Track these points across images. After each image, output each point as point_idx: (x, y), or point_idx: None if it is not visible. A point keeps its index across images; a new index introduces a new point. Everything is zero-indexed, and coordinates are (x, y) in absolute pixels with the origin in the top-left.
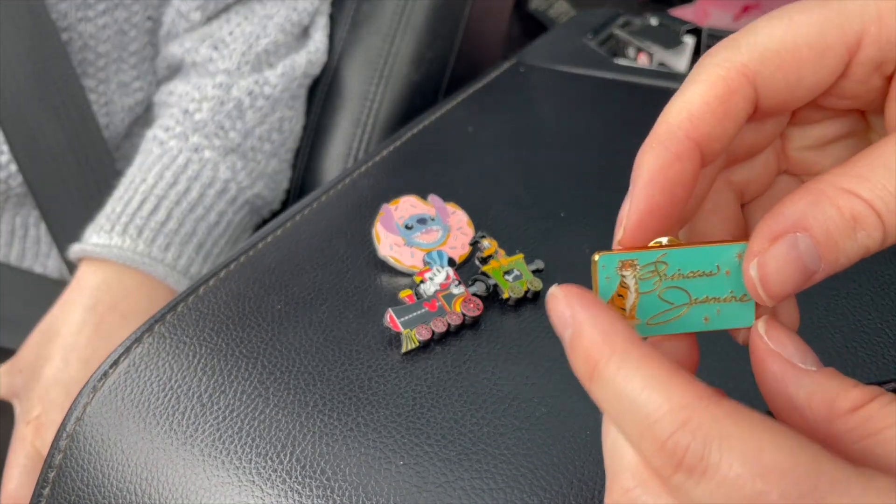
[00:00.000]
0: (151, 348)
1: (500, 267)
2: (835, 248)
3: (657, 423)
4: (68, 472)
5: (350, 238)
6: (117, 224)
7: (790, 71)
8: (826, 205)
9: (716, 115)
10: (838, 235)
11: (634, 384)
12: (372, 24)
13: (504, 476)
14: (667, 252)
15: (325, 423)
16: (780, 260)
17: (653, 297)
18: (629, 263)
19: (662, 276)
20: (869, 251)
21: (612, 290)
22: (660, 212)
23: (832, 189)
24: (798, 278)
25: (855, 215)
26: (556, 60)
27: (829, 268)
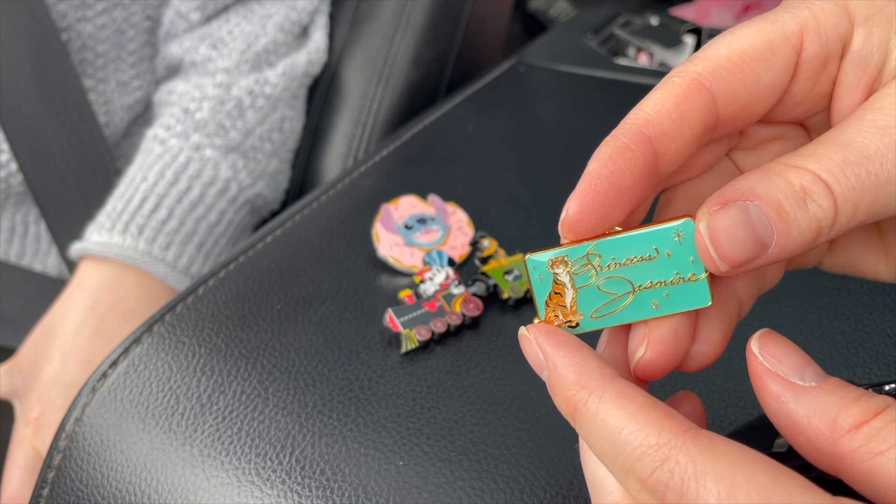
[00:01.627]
0: (150, 349)
1: (500, 267)
2: (786, 218)
3: (639, 461)
4: (67, 473)
5: (350, 238)
6: (118, 222)
7: (746, 73)
8: (775, 177)
9: (671, 116)
10: (788, 206)
11: (614, 423)
12: (372, 23)
13: (504, 476)
14: (597, 243)
15: (324, 424)
16: (730, 220)
17: (592, 289)
18: (560, 260)
19: (597, 267)
20: (821, 227)
21: (548, 290)
22: (603, 197)
23: (780, 166)
24: (750, 246)
25: (804, 186)
26: (557, 60)
27: (782, 241)
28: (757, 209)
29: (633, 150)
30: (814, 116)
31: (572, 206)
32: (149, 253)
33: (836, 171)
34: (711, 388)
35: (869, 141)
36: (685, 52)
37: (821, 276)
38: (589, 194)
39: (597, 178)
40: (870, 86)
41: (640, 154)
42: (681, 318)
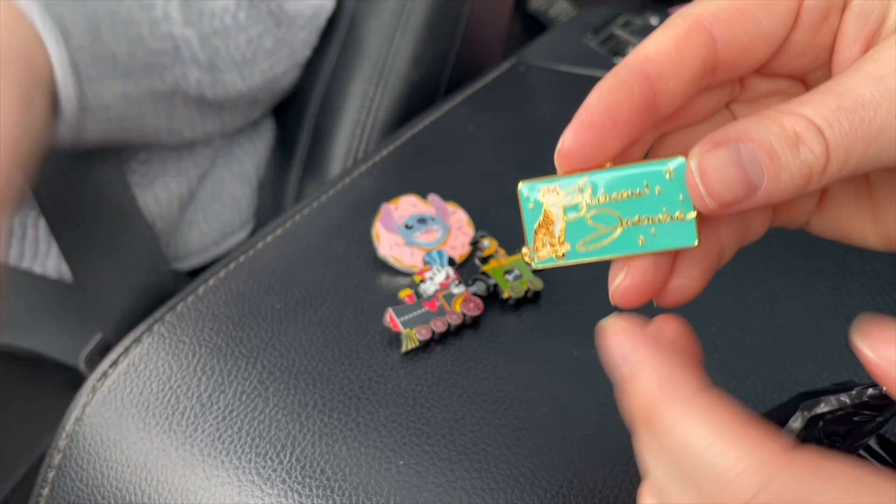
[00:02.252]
0: (151, 348)
1: (501, 266)
2: (777, 161)
3: (733, 483)
4: (67, 472)
5: (350, 238)
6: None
7: (747, 17)
8: (769, 122)
9: (671, 55)
10: (780, 149)
11: (701, 437)
12: (371, 23)
13: (504, 475)
14: (589, 175)
15: (324, 423)
16: (721, 160)
17: (580, 221)
18: (552, 189)
19: (588, 200)
20: (812, 173)
21: (538, 217)
22: (600, 128)
23: (775, 112)
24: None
25: (797, 131)
26: (557, 60)
27: (772, 184)
28: (749, 151)
29: (631, 84)
30: (814, 71)
31: (568, 136)
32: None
33: (830, 117)
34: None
35: (864, 89)
36: None
37: (821, 275)
38: (585, 125)
39: (594, 109)
40: (869, 39)
41: (639, 89)
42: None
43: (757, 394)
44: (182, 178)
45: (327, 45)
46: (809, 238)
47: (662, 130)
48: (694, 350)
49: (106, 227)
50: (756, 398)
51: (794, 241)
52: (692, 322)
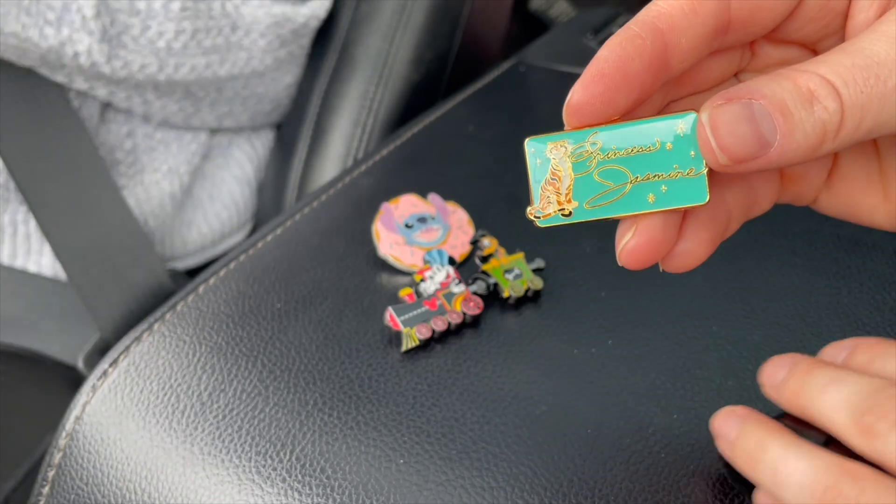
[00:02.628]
0: (151, 347)
1: (501, 266)
2: (790, 119)
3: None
4: (68, 471)
5: (350, 237)
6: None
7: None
8: (783, 80)
9: (684, 9)
10: (794, 106)
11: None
12: (371, 23)
13: (504, 474)
14: (597, 131)
15: (325, 422)
16: (733, 114)
17: (589, 178)
18: (559, 145)
19: (596, 155)
20: (826, 132)
21: (545, 174)
22: (610, 80)
23: (789, 70)
24: (752, 141)
25: (811, 88)
26: (557, 60)
27: (785, 142)
28: (761, 107)
29: (643, 38)
30: (826, 38)
31: (578, 89)
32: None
33: (846, 75)
34: (711, 385)
35: (880, 48)
36: None
37: (821, 274)
38: (596, 77)
39: (605, 62)
40: (884, 4)
41: (651, 43)
42: (671, 212)
43: (757, 393)
44: (172, 174)
45: (328, 45)
46: (809, 238)
47: (672, 96)
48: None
49: (93, 225)
50: (756, 397)
51: (795, 241)
52: (693, 321)
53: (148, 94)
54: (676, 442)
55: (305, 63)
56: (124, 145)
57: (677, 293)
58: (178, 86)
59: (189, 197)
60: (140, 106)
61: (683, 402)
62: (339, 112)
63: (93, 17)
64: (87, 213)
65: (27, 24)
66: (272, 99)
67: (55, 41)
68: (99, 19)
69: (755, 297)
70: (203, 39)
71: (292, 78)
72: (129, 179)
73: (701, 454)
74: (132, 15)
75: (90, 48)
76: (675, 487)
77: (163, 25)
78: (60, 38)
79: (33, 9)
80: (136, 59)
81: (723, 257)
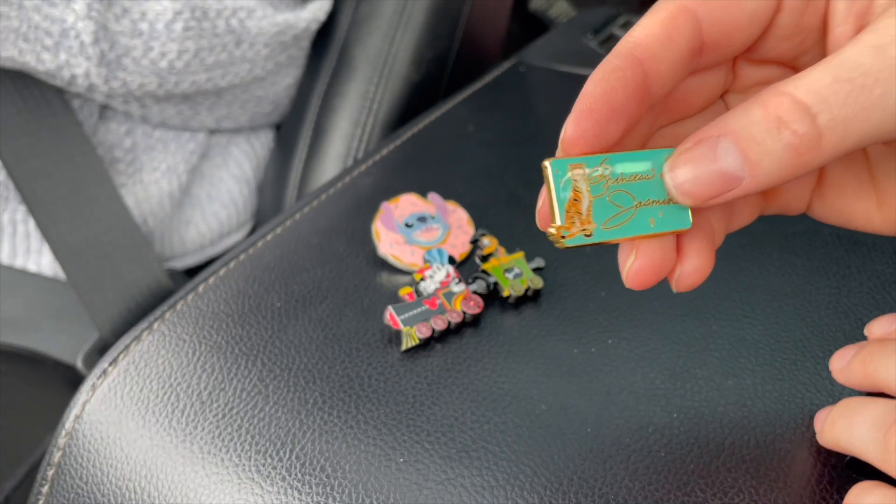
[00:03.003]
0: (151, 346)
1: (501, 265)
2: (756, 149)
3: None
4: (67, 470)
5: (350, 236)
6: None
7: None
8: (754, 107)
9: (658, 37)
10: (760, 136)
11: None
12: (371, 24)
13: (504, 473)
14: (608, 156)
15: (324, 421)
16: (692, 157)
17: (603, 200)
18: (579, 167)
19: (608, 179)
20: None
21: (568, 195)
22: (598, 114)
23: (766, 93)
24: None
25: (780, 114)
26: (557, 60)
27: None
28: (727, 144)
29: (623, 69)
30: (804, 55)
31: (570, 125)
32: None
33: (825, 91)
34: (711, 384)
35: (863, 58)
36: None
37: (822, 274)
38: (585, 113)
39: (591, 97)
40: (860, 17)
41: (631, 73)
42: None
43: (756, 393)
44: (171, 173)
45: (327, 46)
46: (809, 238)
47: (660, 123)
48: None
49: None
50: (755, 397)
51: (794, 241)
52: (693, 321)
53: (146, 101)
54: (676, 441)
55: (305, 64)
56: (123, 144)
57: (677, 293)
58: (177, 94)
59: (188, 196)
60: (138, 110)
61: (683, 401)
62: (338, 112)
63: (91, 42)
64: (84, 211)
65: (24, 50)
66: (272, 101)
67: (52, 65)
68: (97, 45)
69: (755, 297)
70: (206, 57)
71: (292, 79)
72: (128, 178)
73: (700, 454)
74: (134, 37)
75: (88, 72)
76: (674, 487)
77: (165, 46)
78: (58, 63)
79: (31, 34)
80: (136, 79)
81: (722, 257)
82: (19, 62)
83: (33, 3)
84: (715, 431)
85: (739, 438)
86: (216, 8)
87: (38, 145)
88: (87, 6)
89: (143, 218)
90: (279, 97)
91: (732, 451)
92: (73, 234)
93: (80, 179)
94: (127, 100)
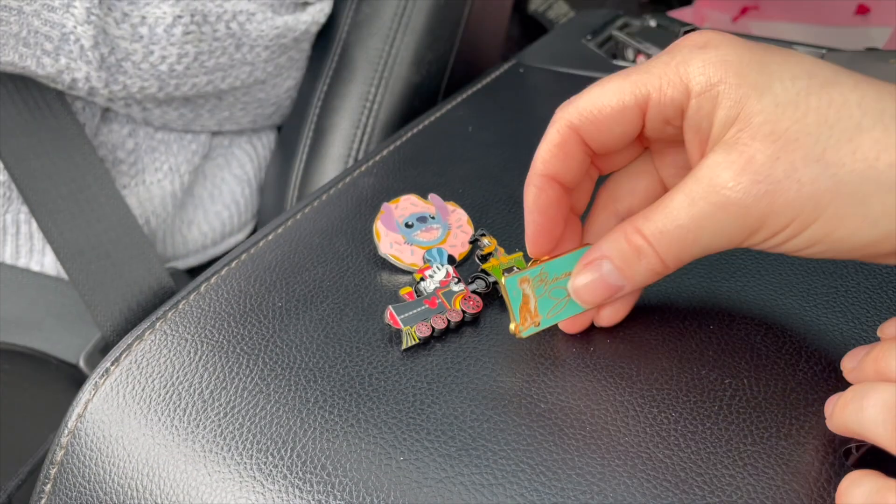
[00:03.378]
0: (153, 345)
1: (500, 265)
2: (628, 270)
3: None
4: (70, 469)
5: (351, 236)
6: None
7: (603, 124)
8: (621, 239)
9: (558, 158)
10: (628, 262)
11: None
12: (372, 25)
13: (504, 472)
14: (544, 266)
15: (325, 420)
16: (585, 278)
17: (545, 298)
18: (524, 279)
19: (546, 281)
20: (658, 273)
21: (520, 301)
22: (545, 228)
23: (629, 226)
24: (604, 292)
25: (637, 247)
26: (556, 62)
27: (630, 282)
28: (609, 265)
29: (544, 189)
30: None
31: (531, 247)
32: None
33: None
34: (709, 385)
35: (681, 211)
36: None
37: (819, 274)
38: (534, 234)
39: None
40: (703, 145)
41: (550, 190)
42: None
43: (755, 392)
44: (173, 173)
45: (328, 47)
46: None
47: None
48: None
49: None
50: (755, 396)
51: None
52: (692, 321)
53: (147, 104)
54: (675, 441)
55: (305, 66)
56: (126, 145)
57: (675, 293)
58: (178, 97)
59: (190, 196)
60: (139, 113)
61: (682, 401)
62: (339, 113)
63: (91, 46)
64: (85, 211)
65: (25, 54)
66: (273, 102)
67: (53, 70)
68: (97, 49)
69: (753, 297)
70: (206, 60)
71: (293, 81)
72: (130, 178)
73: (698, 451)
74: (134, 41)
75: (88, 76)
76: (672, 484)
77: (165, 50)
78: (58, 67)
79: (31, 39)
80: (136, 82)
81: (721, 256)
82: (20, 66)
83: (33, 8)
84: (713, 429)
85: (737, 436)
86: (216, 12)
87: (38, 147)
88: (87, 11)
89: (145, 218)
90: (280, 99)
91: (730, 448)
92: (75, 234)
93: (80, 180)
94: (128, 103)
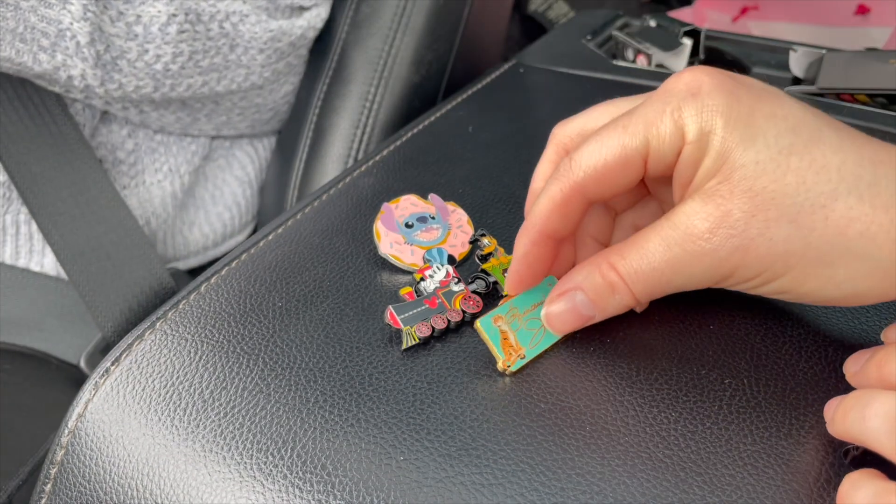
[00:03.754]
0: (153, 345)
1: (500, 264)
2: (601, 303)
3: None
4: (70, 469)
5: (351, 236)
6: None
7: (606, 181)
8: (595, 273)
9: (558, 213)
10: (601, 295)
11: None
12: (371, 25)
13: (504, 471)
14: (511, 301)
15: (325, 419)
16: (558, 308)
17: (522, 331)
18: (497, 317)
19: (518, 315)
20: (628, 306)
21: (499, 338)
22: (528, 278)
23: (603, 260)
24: (574, 321)
25: (612, 283)
26: (555, 61)
27: (601, 313)
28: (582, 296)
29: (537, 244)
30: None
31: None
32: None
33: (634, 276)
34: (709, 385)
35: (656, 254)
36: (683, 54)
37: None
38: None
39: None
40: (683, 188)
41: (543, 247)
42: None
43: (755, 392)
44: (173, 174)
45: (327, 48)
46: None
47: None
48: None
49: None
50: (755, 396)
51: None
52: (692, 321)
53: (144, 107)
54: (675, 441)
55: (303, 71)
56: (125, 146)
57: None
58: (174, 100)
59: (191, 197)
60: (136, 116)
61: (682, 401)
62: (339, 113)
63: (87, 43)
64: (85, 213)
65: (21, 50)
66: (270, 108)
67: (49, 66)
68: (93, 46)
69: (753, 297)
70: (200, 60)
71: (291, 87)
72: (130, 180)
73: (698, 451)
74: (129, 39)
75: (84, 73)
76: (672, 484)
77: (160, 49)
78: (54, 64)
79: (28, 35)
80: (132, 81)
81: None
82: (16, 63)
83: (30, 4)
84: (713, 429)
85: (737, 435)
86: (209, 11)
87: (38, 151)
88: (83, 8)
89: (146, 219)
90: (278, 104)
91: (730, 448)
92: (75, 235)
93: (80, 182)
94: (125, 106)
